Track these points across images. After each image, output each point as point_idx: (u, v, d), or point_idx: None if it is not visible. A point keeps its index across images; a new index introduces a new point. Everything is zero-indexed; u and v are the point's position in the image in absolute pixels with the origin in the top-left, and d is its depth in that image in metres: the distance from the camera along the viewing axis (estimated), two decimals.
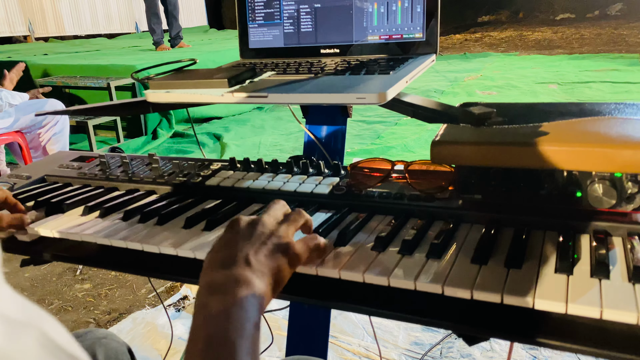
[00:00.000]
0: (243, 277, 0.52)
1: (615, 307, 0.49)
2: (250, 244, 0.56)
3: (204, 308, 0.49)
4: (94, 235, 0.76)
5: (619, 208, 0.64)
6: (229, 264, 0.54)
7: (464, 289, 0.55)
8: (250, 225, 0.59)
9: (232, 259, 0.54)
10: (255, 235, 0.58)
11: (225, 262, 0.54)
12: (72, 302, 2.12)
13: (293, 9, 1.00)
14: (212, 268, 0.54)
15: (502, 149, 0.66)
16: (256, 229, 0.58)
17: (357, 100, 0.72)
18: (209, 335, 0.46)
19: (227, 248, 0.56)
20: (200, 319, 0.48)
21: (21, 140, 3.00)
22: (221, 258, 0.55)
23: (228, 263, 0.54)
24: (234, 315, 0.48)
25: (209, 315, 0.48)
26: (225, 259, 0.54)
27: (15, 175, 1.06)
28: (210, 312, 0.48)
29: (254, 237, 0.57)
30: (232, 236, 0.58)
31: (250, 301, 0.50)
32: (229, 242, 0.57)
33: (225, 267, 0.53)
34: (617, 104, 0.77)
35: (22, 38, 9.29)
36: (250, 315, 0.48)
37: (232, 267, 0.53)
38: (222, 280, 0.52)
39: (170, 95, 0.85)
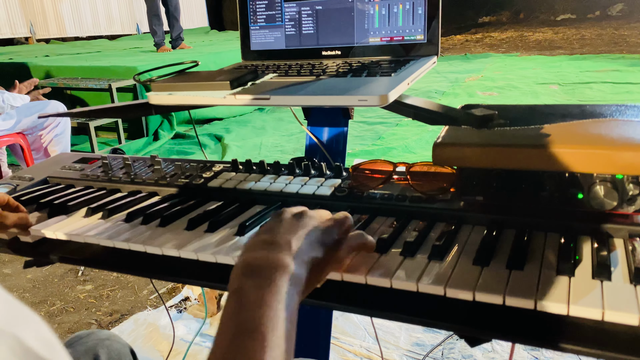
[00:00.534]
0: (282, 261, 0.50)
1: (616, 309, 0.50)
2: (293, 231, 0.54)
3: (238, 291, 0.47)
4: (97, 236, 0.77)
5: (620, 210, 0.64)
6: (270, 247, 0.51)
7: (466, 290, 0.55)
8: (295, 215, 0.57)
9: (273, 242, 0.52)
10: (301, 224, 0.56)
11: (266, 244, 0.52)
12: (74, 304, 2.13)
13: (294, 11, 1.00)
14: (252, 247, 0.52)
15: (503, 150, 0.66)
16: (301, 219, 0.57)
17: (359, 103, 0.72)
18: (240, 323, 0.44)
19: (269, 232, 0.54)
20: (233, 304, 0.46)
21: (23, 141, 3.01)
22: (262, 240, 0.53)
23: (268, 245, 0.52)
24: (269, 303, 0.45)
25: (243, 301, 0.46)
26: (266, 241, 0.53)
27: (18, 177, 1.07)
28: (244, 297, 0.46)
29: (298, 226, 0.55)
30: (277, 223, 0.56)
31: (287, 289, 0.47)
32: (272, 227, 0.55)
33: (265, 249, 0.51)
34: (618, 106, 0.77)
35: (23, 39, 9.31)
36: (285, 305, 0.46)
37: (272, 250, 0.51)
38: (260, 262, 0.49)
39: (173, 97, 0.85)
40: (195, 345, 1.75)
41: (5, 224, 0.78)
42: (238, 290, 0.47)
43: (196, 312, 1.98)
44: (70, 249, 0.79)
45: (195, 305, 2.02)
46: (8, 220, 0.78)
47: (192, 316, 1.96)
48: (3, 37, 8.83)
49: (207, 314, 1.89)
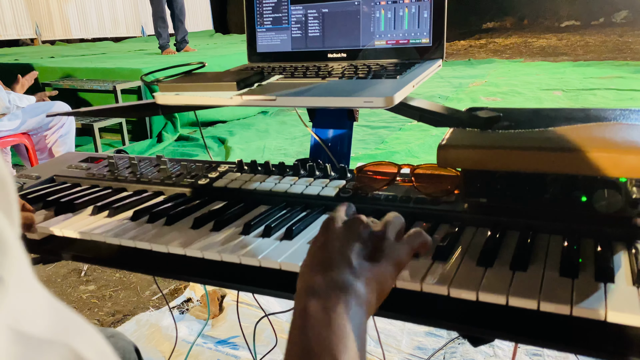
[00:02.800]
0: (346, 281, 0.47)
1: (619, 310, 0.50)
2: (350, 243, 0.51)
3: (303, 312, 0.45)
4: (104, 234, 0.77)
5: (623, 213, 0.64)
6: (329, 267, 0.49)
7: (470, 290, 0.56)
8: (346, 224, 0.54)
9: (332, 262, 0.50)
10: (354, 234, 0.53)
11: (325, 265, 0.49)
12: (76, 304, 2.13)
13: (301, 13, 1.01)
14: (310, 271, 0.50)
15: (507, 153, 0.66)
16: (354, 227, 0.53)
17: (364, 104, 0.73)
18: (308, 344, 0.43)
19: (325, 250, 0.51)
20: (299, 325, 0.45)
21: (28, 142, 3.02)
22: (320, 261, 0.50)
23: (327, 265, 0.49)
24: (336, 322, 0.44)
25: (309, 321, 0.44)
26: (324, 262, 0.50)
27: (25, 175, 1.08)
28: (310, 317, 0.44)
29: (353, 237, 0.52)
30: (329, 237, 0.53)
31: (353, 308, 0.45)
32: (326, 244, 0.52)
33: (325, 270, 0.49)
34: (622, 110, 0.78)
35: (29, 41, 9.35)
36: (353, 324, 0.44)
37: (333, 270, 0.48)
38: (322, 285, 0.47)
39: (180, 97, 0.86)
40: (197, 347, 1.76)
41: None
42: (305, 310, 0.45)
43: (198, 314, 1.98)
44: (77, 247, 0.79)
45: (197, 306, 2.03)
46: None
47: (194, 317, 1.96)
48: (9, 38, 8.88)
49: (210, 315, 1.89)
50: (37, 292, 0.27)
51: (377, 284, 0.49)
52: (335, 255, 0.50)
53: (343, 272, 0.48)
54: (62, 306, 0.28)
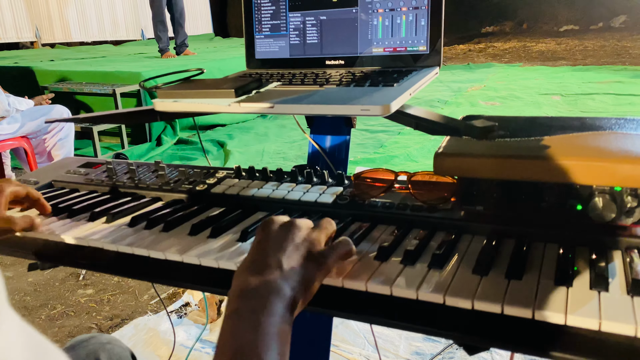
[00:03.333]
0: (275, 284, 0.52)
1: (613, 319, 0.50)
2: (283, 247, 0.56)
3: (234, 314, 0.49)
4: (101, 240, 0.78)
5: (618, 221, 0.65)
6: (262, 269, 0.53)
7: (465, 299, 0.56)
8: (282, 227, 0.59)
9: (265, 264, 0.54)
10: (288, 238, 0.57)
11: (258, 266, 0.54)
12: (74, 308, 2.13)
13: (299, 20, 1.02)
14: (244, 271, 0.54)
15: (504, 161, 0.67)
16: (289, 231, 0.58)
17: (361, 112, 0.73)
18: (237, 346, 0.46)
19: (259, 252, 0.56)
20: (230, 326, 0.48)
21: (27, 145, 3.03)
22: (254, 261, 0.55)
23: (260, 267, 0.53)
24: (264, 325, 0.48)
25: (239, 323, 0.48)
26: (257, 263, 0.54)
27: (23, 180, 1.08)
28: (240, 319, 0.48)
29: (286, 241, 0.57)
30: (265, 239, 0.57)
31: (280, 311, 0.50)
32: (261, 245, 0.57)
33: (258, 272, 0.53)
34: (618, 119, 0.78)
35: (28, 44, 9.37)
36: (279, 327, 0.48)
37: (265, 273, 0.53)
38: (254, 286, 0.51)
39: (178, 104, 0.86)
40: (195, 351, 1.76)
41: (13, 229, 0.78)
42: (235, 313, 0.49)
43: (196, 318, 1.98)
44: (75, 253, 0.80)
45: (195, 310, 2.03)
46: (17, 224, 0.78)
47: (192, 322, 1.97)
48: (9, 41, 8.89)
49: (208, 320, 1.89)
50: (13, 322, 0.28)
51: (304, 287, 0.54)
52: (268, 258, 0.54)
53: (273, 275, 0.52)
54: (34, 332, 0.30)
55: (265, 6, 1.04)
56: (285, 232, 0.58)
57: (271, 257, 0.55)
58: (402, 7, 0.93)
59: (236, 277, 0.54)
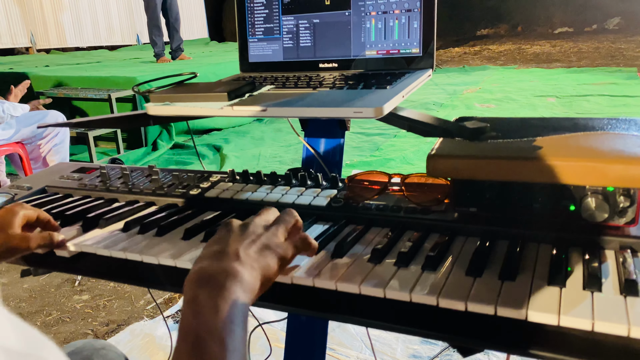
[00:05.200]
0: (232, 269, 0.53)
1: (606, 320, 0.50)
2: (240, 241, 0.58)
3: (193, 301, 0.50)
4: (94, 246, 0.77)
5: (611, 222, 0.65)
6: (219, 257, 0.55)
7: (459, 300, 0.56)
8: (243, 226, 0.61)
9: (223, 253, 0.56)
10: (246, 233, 0.60)
11: (216, 255, 0.56)
12: (70, 313, 2.12)
13: (292, 24, 1.02)
14: (203, 259, 0.56)
15: (496, 163, 0.67)
16: (248, 229, 0.60)
17: (354, 115, 0.73)
18: (198, 331, 0.47)
19: (218, 243, 0.58)
20: (189, 313, 0.49)
21: (22, 151, 3.01)
22: (212, 251, 0.57)
23: (218, 256, 0.56)
24: (223, 309, 0.49)
25: (199, 310, 0.49)
26: (216, 252, 0.56)
27: (17, 186, 1.07)
28: (199, 306, 0.49)
29: (244, 235, 0.59)
30: (225, 234, 0.60)
31: (238, 294, 0.51)
32: (220, 238, 0.59)
33: (216, 259, 0.55)
34: (609, 119, 0.78)
35: (24, 49, 9.35)
36: (238, 310, 0.50)
37: (222, 260, 0.55)
38: (212, 271, 0.53)
39: (171, 108, 0.86)
40: None
41: (29, 246, 0.75)
42: (193, 299, 0.50)
43: None
44: (68, 258, 0.79)
45: None
46: (33, 241, 0.76)
47: None
48: (4, 47, 8.87)
49: None
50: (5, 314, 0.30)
51: (262, 273, 0.56)
52: (226, 248, 0.57)
53: (231, 262, 0.54)
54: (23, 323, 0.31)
55: (259, 10, 1.04)
56: (243, 229, 0.60)
57: (229, 247, 0.57)
58: (395, 9, 0.93)
59: (194, 266, 0.56)
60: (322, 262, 0.67)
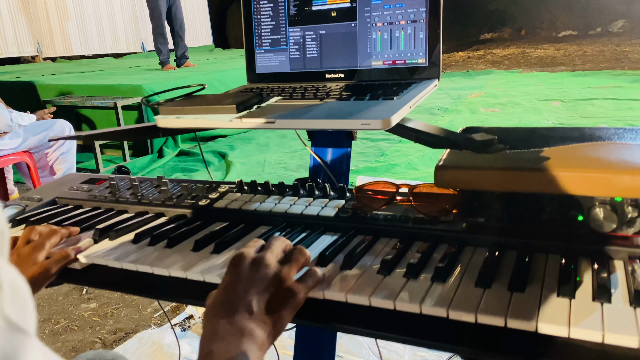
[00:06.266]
0: (246, 328, 0.54)
1: (617, 331, 0.50)
2: (253, 288, 0.57)
3: (208, 357, 0.51)
4: (105, 258, 0.78)
5: (619, 232, 0.65)
6: (232, 311, 0.55)
7: (468, 312, 0.56)
8: (253, 266, 0.60)
9: (235, 307, 0.56)
10: (258, 278, 0.59)
11: (229, 309, 0.56)
12: (78, 322, 2.13)
13: (299, 35, 1.03)
14: (215, 313, 0.56)
15: (504, 174, 0.67)
16: (259, 271, 0.59)
17: (362, 126, 0.74)
18: None
19: (230, 292, 0.58)
20: None
21: (29, 160, 3.04)
22: (224, 303, 0.57)
23: (231, 310, 0.55)
24: None
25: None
26: (228, 305, 0.56)
27: (27, 198, 1.08)
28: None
29: (256, 281, 0.58)
30: (236, 277, 0.59)
31: (251, 352, 0.52)
32: (231, 285, 0.58)
33: (229, 314, 0.55)
34: (617, 129, 0.79)
35: (30, 58, 9.42)
36: None
37: (235, 316, 0.55)
38: (225, 330, 0.53)
39: (180, 121, 0.87)
40: None
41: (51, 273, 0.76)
42: (208, 355, 0.51)
43: (200, 331, 1.98)
44: (78, 270, 0.80)
45: (199, 323, 2.02)
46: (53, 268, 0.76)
47: (196, 335, 1.96)
48: (10, 56, 8.95)
49: None
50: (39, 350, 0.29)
51: (274, 326, 0.56)
52: (238, 301, 0.56)
53: (244, 318, 0.55)
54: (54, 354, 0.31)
55: (265, 21, 1.05)
56: (255, 271, 0.59)
57: (241, 300, 0.56)
58: (401, 20, 0.94)
59: (207, 319, 0.56)
60: (332, 273, 0.67)
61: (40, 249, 0.77)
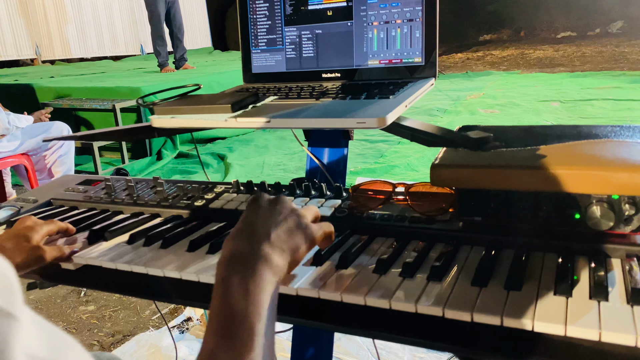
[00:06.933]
0: (263, 252, 0.54)
1: (613, 330, 0.50)
2: (272, 218, 0.59)
3: (224, 282, 0.51)
4: (100, 258, 0.77)
5: (617, 230, 0.64)
6: (252, 237, 0.56)
7: (465, 311, 0.55)
8: (272, 202, 0.62)
9: (255, 233, 0.57)
10: (277, 210, 0.60)
11: (249, 235, 0.57)
12: (76, 324, 2.12)
13: (295, 34, 1.02)
14: (235, 237, 0.57)
15: (500, 172, 0.67)
16: (278, 204, 0.61)
17: (357, 125, 0.73)
18: (228, 313, 0.48)
19: (249, 221, 0.59)
20: (220, 293, 0.50)
21: (27, 162, 3.03)
22: (243, 229, 0.58)
23: (251, 236, 0.56)
24: (253, 293, 0.50)
25: (229, 292, 0.50)
26: (248, 232, 0.57)
27: (22, 199, 1.08)
28: (229, 287, 0.50)
29: (276, 212, 0.60)
30: (255, 210, 0.60)
31: (268, 278, 0.52)
32: (250, 215, 0.60)
33: (247, 240, 0.56)
34: (614, 127, 0.78)
35: (29, 61, 9.42)
36: (267, 294, 0.51)
37: (254, 241, 0.56)
38: (243, 253, 0.54)
39: (175, 120, 0.86)
40: None
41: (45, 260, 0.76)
42: (225, 280, 0.51)
43: (198, 333, 1.97)
44: (73, 271, 0.79)
45: (197, 325, 2.02)
46: (47, 255, 0.76)
47: (194, 337, 1.95)
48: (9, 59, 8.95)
49: None
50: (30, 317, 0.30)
51: (291, 255, 0.57)
52: (257, 227, 0.57)
53: (262, 243, 0.55)
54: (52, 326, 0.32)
55: (261, 21, 1.05)
56: (274, 204, 0.61)
57: (260, 226, 0.58)
58: (397, 19, 0.93)
59: (226, 243, 0.56)
60: (327, 273, 0.67)
61: (36, 230, 0.78)
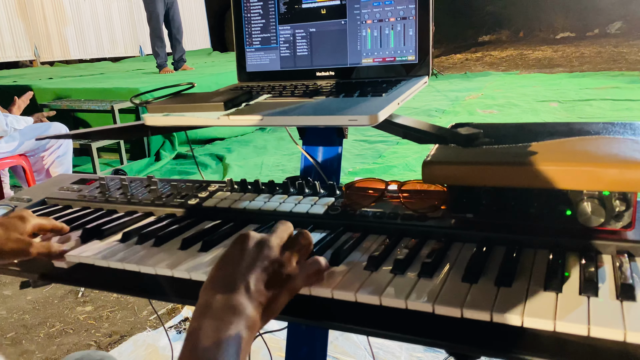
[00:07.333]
0: (240, 305, 0.53)
1: (602, 325, 0.50)
2: (253, 267, 0.57)
3: (197, 332, 0.50)
4: (92, 257, 0.77)
5: (607, 226, 0.64)
6: (230, 286, 0.54)
7: (454, 307, 0.55)
8: (257, 246, 0.59)
9: (233, 282, 0.55)
10: (260, 257, 0.58)
11: (226, 283, 0.55)
12: (73, 325, 2.12)
13: (289, 33, 1.02)
14: (212, 286, 0.55)
15: (491, 169, 0.67)
16: (262, 252, 0.58)
17: (349, 122, 0.73)
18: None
19: (231, 266, 0.57)
20: (192, 343, 0.49)
21: (25, 163, 3.03)
22: (223, 276, 0.56)
23: (229, 285, 0.54)
24: (225, 344, 0.49)
25: (201, 342, 0.49)
26: (227, 279, 0.55)
27: (16, 198, 1.08)
28: (202, 338, 0.49)
29: (258, 260, 0.57)
30: (238, 254, 0.58)
31: (242, 332, 0.51)
32: (233, 259, 0.58)
33: (226, 290, 0.54)
34: (605, 123, 0.78)
35: (28, 62, 9.43)
36: (238, 345, 0.50)
37: (232, 292, 0.54)
38: (218, 305, 0.52)
39: (168, 118, 0.86)
40: None
41: (30, 252, 0.76)
42: (198, 330, 0.50)
43: None
44: (66, 270, 0.79)
45: None
46: (32, 249, 0.76)
47: None
48: (8, 60, 8.96)
49: None
50: None
51: (268, 308, 0.56)
52: (236, 276, 0.55)
53: (239, 295, 0.54)
54: None
55: (255, 20, 1.05)
56: (258, 251, 0.59)
57: (239, 276, 0.55)
58: (390, 17, 0.93)
59: (203, 292, 0.55)
60: None
61: (28, 221, 0.78)
